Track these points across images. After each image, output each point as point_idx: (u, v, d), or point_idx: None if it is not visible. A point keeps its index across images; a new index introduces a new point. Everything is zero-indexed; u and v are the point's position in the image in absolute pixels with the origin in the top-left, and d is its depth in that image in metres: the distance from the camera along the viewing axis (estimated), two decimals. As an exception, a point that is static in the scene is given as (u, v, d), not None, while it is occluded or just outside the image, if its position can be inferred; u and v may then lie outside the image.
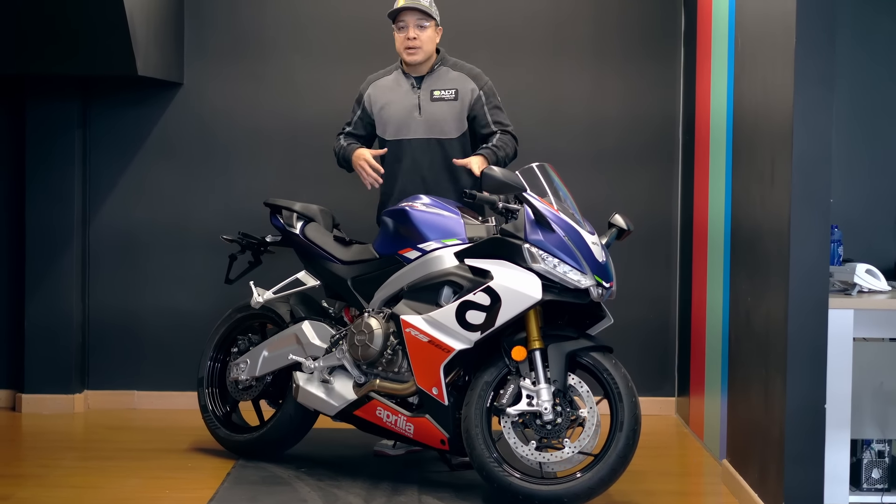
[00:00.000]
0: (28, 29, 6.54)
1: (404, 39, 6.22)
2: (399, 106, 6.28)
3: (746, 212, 5.67)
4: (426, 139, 6.23)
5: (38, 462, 6.33)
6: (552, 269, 5.29)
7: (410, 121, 6.25)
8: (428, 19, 6.22)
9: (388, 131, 6.30)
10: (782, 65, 5.07)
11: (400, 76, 6.34)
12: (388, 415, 5.69)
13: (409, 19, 6.21)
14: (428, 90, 6.27)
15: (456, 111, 6.25)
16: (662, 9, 7.48)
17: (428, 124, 6.23)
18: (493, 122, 6.28)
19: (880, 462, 5.48)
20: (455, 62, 6.37)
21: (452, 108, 6.25)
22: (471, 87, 6.28)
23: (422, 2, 6.23)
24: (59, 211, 7.37)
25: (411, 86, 6.29)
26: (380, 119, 6.33)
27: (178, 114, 7.53)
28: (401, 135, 6.25)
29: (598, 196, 7.25)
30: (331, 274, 6.10)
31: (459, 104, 6.26)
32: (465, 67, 6.36)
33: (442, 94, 6.25)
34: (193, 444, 6.59)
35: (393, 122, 6.27)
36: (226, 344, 6.50)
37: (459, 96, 6.26)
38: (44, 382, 7.40)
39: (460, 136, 6.27)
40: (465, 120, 6.28)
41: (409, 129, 6.25)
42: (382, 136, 6.33)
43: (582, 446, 5.31)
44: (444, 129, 6.24)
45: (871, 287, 5.31)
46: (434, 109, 6.24)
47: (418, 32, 6.20)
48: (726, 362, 6.13)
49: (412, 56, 6.22)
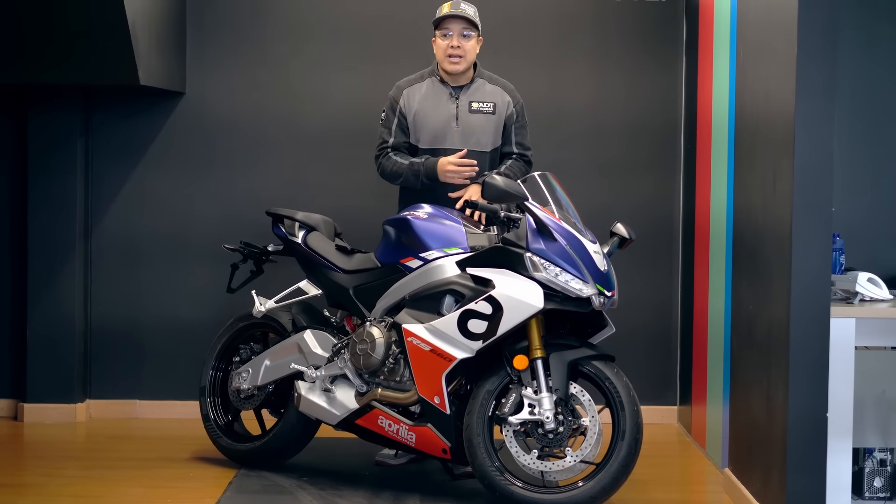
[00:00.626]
0: (30, 38, 6.55)
1: (447, 47, 6.13)
2: (436, 115, 6.19)
3: (748, 220, 5.67)
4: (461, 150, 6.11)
5: (39, 471, 6.32)
6: (554, 278, 5.29)
7: (448, 130, 6.18)
8: (473, 29, 6.15)
9: (422, 139, 6.22)
10: (784, 73, 5.08)
11: (437, 84, 6.25)
12: (390, 424, 5.69)
13: (455, 27, 6.13)
14: (467, 101, 6.20)
15: (493, 125, 6.21)
16: (664, 15, 7.48)
17: (464, 135, 6.17)
18: (517, 142, 6.28)
19: (882, 470, 5.48)
20: (490, 76, 6.33)
21: (489, 121, 6.21)
22: (507, 100, 6.26)
23: (468, 11, 6.18)
24: (61, 220, 7.38)
25: (450, 95, 6.22)
26: (413, 125, 6.22)
27: (179, 123, 7.54)
28: (436, 144, 6.17)
29: (599, 203, 7.24)
30: (333, 283, 6.11)
31: (497, 118, 6.21)
32: (501, 82, 6.32)
33: (480, 107, 6.19)
34: (195, 453, 6.59)
35: (429, 130, 6.19)
36: (228, 353, 6.50)
37: (497, 110, 6.22)
38: (46, 392, 7.40)
39: (492, 151, 6.23)
40: (500, 134, 6.23)
41: (445, 139, 6.18)
42: (415, 144, 6.23)
43: (584, 455, 5.31)
44: (481, 141, 6.18)
45: (873, 296, 5.31)
46: (472, 121, 6.19)
47: (462, 42, 6.12)
48: (728, 371, 6.13)
49: (455, 65, 6.14)
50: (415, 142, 6.24)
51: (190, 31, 7.49)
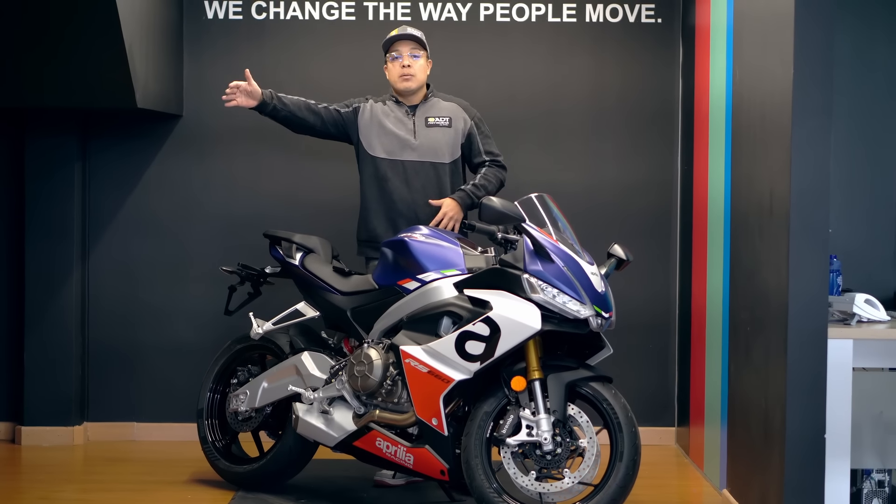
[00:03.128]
0: (27, 62, 6.56)
1: (399, 68, 6.36)
2: (394, 129, 6.38)
3: (745, 243, 5.68)
4: (420, 161, 6.34)
5: (37, 494, 6.31)
6: (551, 300, 5.29)
7: (406, 144, 6.36)
8: (420, 49, 6.39)
9: (377, 149, 6.38)
10: (780, 94, 5.09)
11: (393, 104, 6.45)
12: (388, 445, 5.68)
13: (404, 49, 6.36)
14: (423, 117, 6.40)
15: (450, 137, 6.39)
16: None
17: (423, 148, 6.36)
18: (485, 151, 6.45)
19: (880, 492, 5.47)
20: (444, 95, 6.54)
21: (446, 134, 6.39)
22: (463, 116, 6.46)
23: (414, 32, 6.39)
24: (59, 243, 7.38)
25: (405, 112, 6.41)
26: (369, 135, 6.41)
27: (177, 145, 7.55)
28: (394, 155, 6.36)
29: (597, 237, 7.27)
30: (330, 305, 6.11)
31: (453, 131, 6.41)
32: (455, 99, 6.54)
33: (437, 121, 6.40)
34: (193, 475, 6.58)
35: (386, 142, 6.37)
36: (225, 375, 6.50)
37: (453, 124, 6.42)
38: (43, 415, 7.39)
39: (452, 162, 6.42)
40: (459, 146, 6.42)
41: (404, 152, 6.35)
42: (370, 153, 6.39)
43: (582, 476, 5.30)
44: (439, 153, 6.37)
45: (871, 317, 5.32)
46: (429, 134, 6.37)
47: (412, 61, 6.36)
48: (726, 391, 6.13)
49: (406, 83, 6.36)
50: (369, 149, 6.41)
51: (187, 54, 7.51)
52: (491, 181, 6.36)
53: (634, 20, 7.51)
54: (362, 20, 7.52)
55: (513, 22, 7.53)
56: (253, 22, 7.52)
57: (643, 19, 7.52)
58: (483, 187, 6.30)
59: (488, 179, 6.36)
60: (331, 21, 7.53)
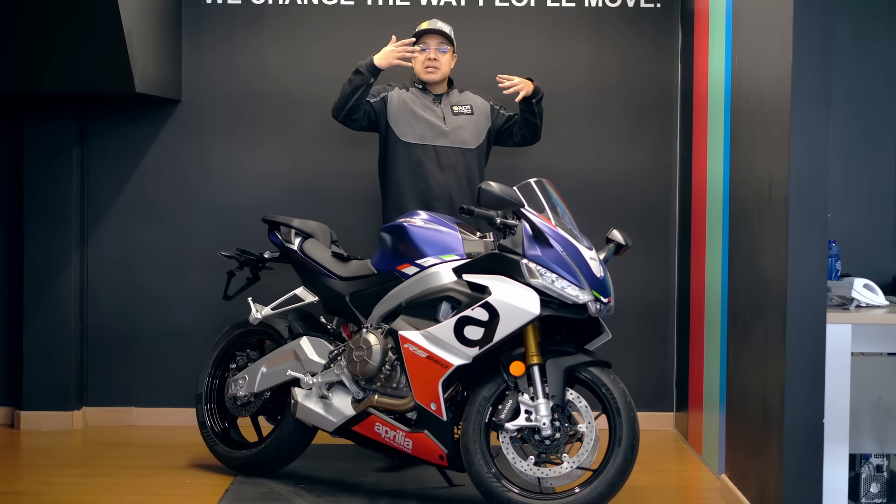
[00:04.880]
0: (25, 47, 6.55)
1: (425, 59, 6.53)
2: (424, 115, 6.52)
3: (744, 228, 5.68)
4: (451, 147, 6.50)
5: (36, 479, 6.32)
6: (550, 285, 5.30)
7: (437, 130, 6.50)
8: (448, 44, 6.57)
9: (409, 134, 6.49)
10: (779, 79, 5.09)
11: (418, 92, 6.60)
12: (387, 430, 5.69)
13: (432, 42, 6.55)
14: (448, 105, 6.58)
15: (474, 124, 6.57)
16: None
17: (452, 135, 6.51)
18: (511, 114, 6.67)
19: (879, 476, 5.48)
20: (462, 88, 6.70)
21: (470, 120, 6.57)
22: (482, 103, 6.65)
23: (444, 28, 6.56)
24: (58, 228, 7.38)
25: (432, 100, 6.57)
26: (400, 122, 6.51)
27: (175, 130, 7.54)
28: (426, 140, 6.48)
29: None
30: (329, 290, 6.11)
31: (476, 118, 6.59)
32: (475, 93, 6.71)
33: (461, 109, 6.60)
34: (192, 460, 6.59)
35: (417, 127, 6.49)
36: (224, 360, 6.50)
37: (476, 112, 6.60)
38: (42, 399, 7.39)
39: (477, 147, 6.57)
40: (483, 132, 6.60)
41: (435, 137, 6.49)
42: (403, 139, 6.50)
43: (580, 461, 5.31)
44: (466, 139, 6.52)
45: (869, 302, 5.32)
46: (457, 122, 6.54)
47: (438, 55, 6.54)
48: (724, 377, 6.13)
49: (430, 74, 6.54)
50: (401, 135, 6.51)
51: (185, 39, 7.50)
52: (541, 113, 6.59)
53: (633, 5, 7.50)
54: (361, 5, 7.51)
55: (511, 7, 7.52)
56: (252, 7, 7.50)
57: (642, 4, 7.51)
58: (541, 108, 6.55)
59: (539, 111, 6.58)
60: (330, 6, 7.52)
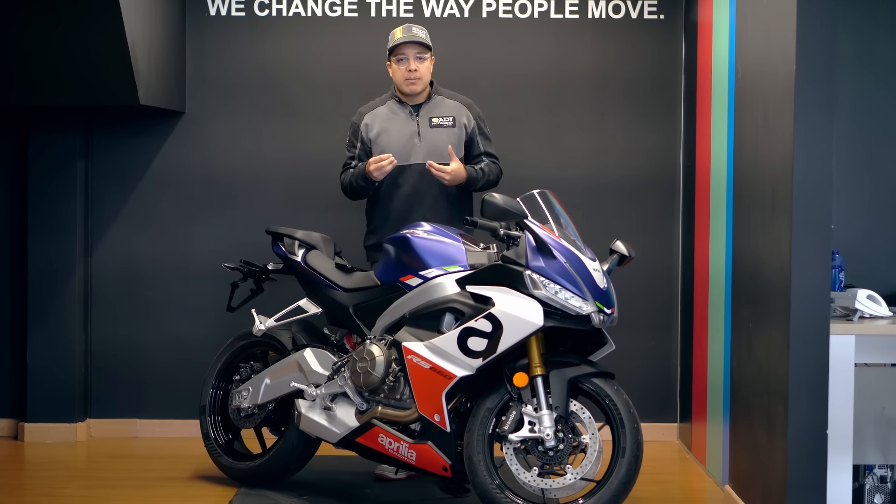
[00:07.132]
0: (30, 60, 6.57)
1: (405, 71, 6.33)
2: (398, 133, 6.36)
3: (748, 239, 5.68)
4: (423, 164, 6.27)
5: (41, 491, 6.32)
6: (553, 296, 5.29)
7: (411, 147, 6.33)
8: (426, 51, 6.36)
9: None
10: (782, 92, 5.09)
11: (395, 105, 6.44)
12: (391, 442, 5.69)
13: (409, 52, 6.32)
14: (426, 117, 6.38)
15: (454, 137, 6.36)
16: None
17: (428, 150, 6.32)
18: (484, 153, 6.46)
19: (882, 487, 5.48)
20: (448, 92, 6.53)
21: (451, 134, 6.37)
22: (466, 114, 6.45)
23: (420, 35, 6.36)
24: (62, 241, 7.38)
25: (409, 113, 6.39)
26: (377, 146, 6.38)
27: (180, 143, 7.55)
28: (401, 161, 6.28)
29: (599, 227, 7.27)
30: (332, 301, 6.11)
31: (458, 130, 6.39)
32: (459, 97, 6.52)
33: (441, 121, 6.38)
34: (196, 472, 6.59)
35: (392, 148, 6.31)
36: (228, 372, 6.50)
37: (457, 123, 6.40)
38: (46, 411, 7.39)
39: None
40: (462, 146, 6.41)
41: (409, 155, 6.32)
42: None
43: (584, 472, 5.31)
44: (444, 154, 6.29)
45: (873, 313, 5.32)
46: (434, 135, 6.35)
47: (418, 64, 6.33)
48: (728, 388, 6.13)
49: (412, 86, 6.34)
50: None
51: (189, 51, 7.51)
52: (493, 171, 6.40)
53: (637, 16, 7.51)
54: (365, 17, 7.51)
55: (515, 18, 7.52)
56: (255, 18, 7.52)
57: (645, 15, 7.51)
58: (485, 172, 6.34)
59: (490, 168, 6.39)
60: (333, 18, 7.52)
